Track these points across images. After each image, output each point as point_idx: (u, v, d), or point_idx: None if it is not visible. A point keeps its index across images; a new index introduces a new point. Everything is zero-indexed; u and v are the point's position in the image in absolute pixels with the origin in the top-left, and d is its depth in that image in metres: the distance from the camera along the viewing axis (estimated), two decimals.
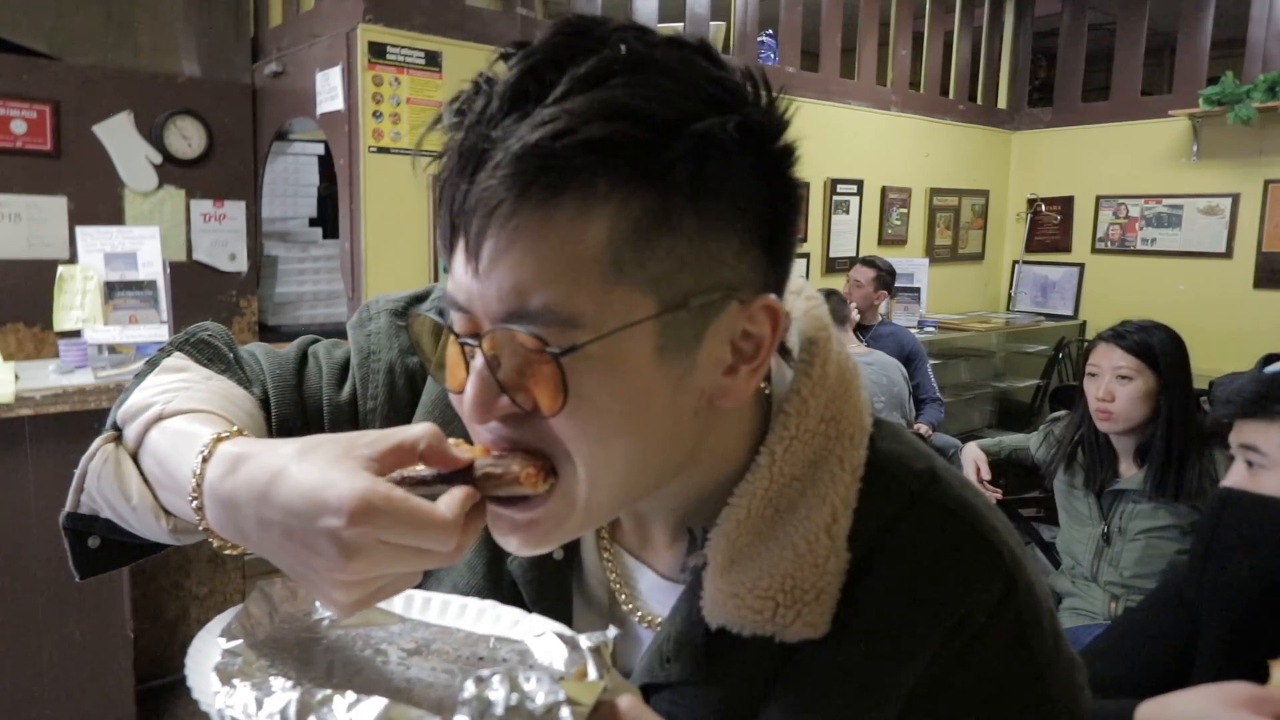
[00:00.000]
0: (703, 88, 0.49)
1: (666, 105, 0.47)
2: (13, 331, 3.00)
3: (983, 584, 0.57)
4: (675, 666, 0.60)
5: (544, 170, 0.46)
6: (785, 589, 0.56)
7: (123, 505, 0.61)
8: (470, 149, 0.48)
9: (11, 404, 2.12)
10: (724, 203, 0.50)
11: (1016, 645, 0.57)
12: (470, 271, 0.50)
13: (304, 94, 3.17)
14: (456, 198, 0.49)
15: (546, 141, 0.46)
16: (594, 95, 0.46)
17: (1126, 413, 2.01)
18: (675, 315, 0.50)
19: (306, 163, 3.76)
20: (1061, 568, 2.24)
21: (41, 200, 3.02)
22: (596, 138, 0.46)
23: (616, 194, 0.48)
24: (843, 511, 0.57)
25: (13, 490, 2.21)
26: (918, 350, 3.73)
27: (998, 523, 0.60)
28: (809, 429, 0.59)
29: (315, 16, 3.18)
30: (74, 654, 2.34)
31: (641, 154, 0.47)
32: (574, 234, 0.48)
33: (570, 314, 0.48)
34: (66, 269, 2.50)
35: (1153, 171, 4.99)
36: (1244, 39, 4.62)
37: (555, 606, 0.65)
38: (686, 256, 0.50)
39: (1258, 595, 1.02)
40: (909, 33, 4.88)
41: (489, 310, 0.50)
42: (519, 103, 0.47)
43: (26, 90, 2.97)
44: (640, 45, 0.48)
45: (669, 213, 0.49)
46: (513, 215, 0.47)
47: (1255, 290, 4.63)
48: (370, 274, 3.04)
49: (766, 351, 0.54)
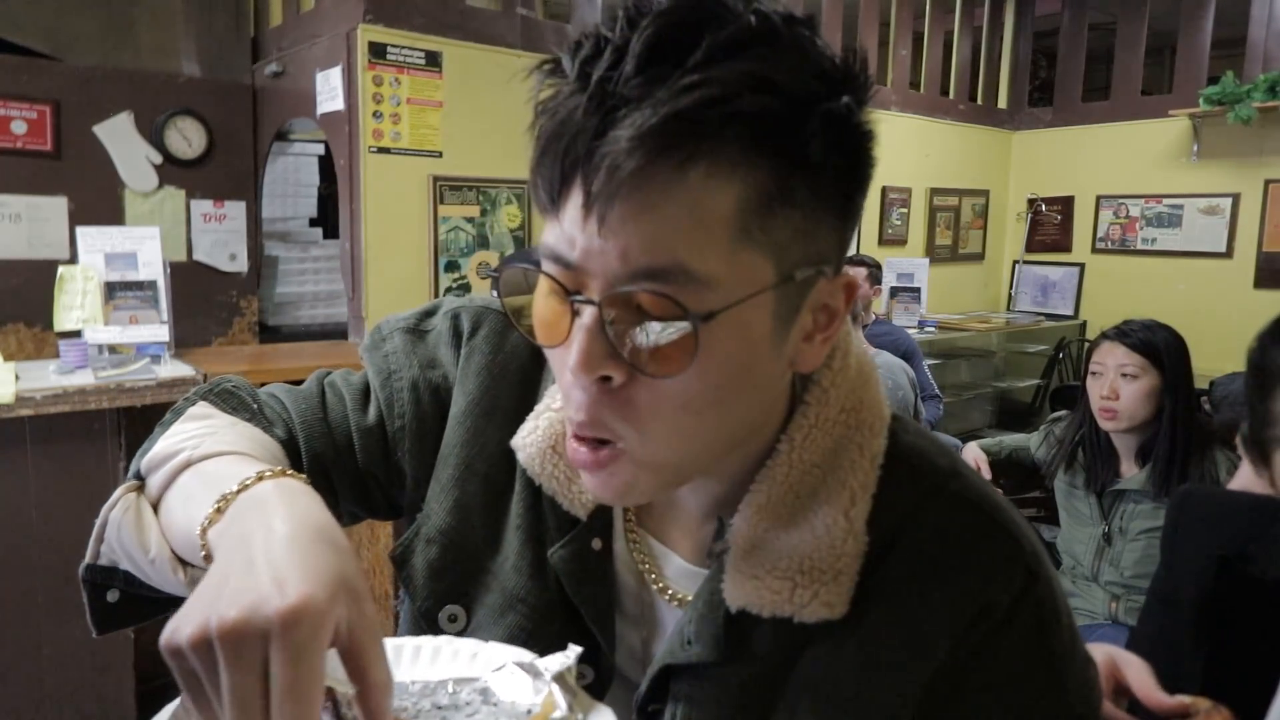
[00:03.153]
0: (823, 65, 0.50)
1: (800, 82, 0.49)
2: (13, 332, 3.01)
3: (1005, 576, 0.57)
4: (696, 648, 0.60)
5: (688, 135, 0.47)
6: (803, 570, 0.57)
7: (141, 557, 0.61)
8: (597, 105, 0.48)
9: (12, 404, 2.12)
10: (830, 178, 0.52)
11: (1036, 639, 0.57)
12: (587, 227, 0.49)
13: (304, 94, 3.18)
14: (573, 150, 0.48)
15: (696, 108, 0.46)
16: (736, 65, 0.47)
17: (1131, 411, 2.01)
18: (788, 286, 0.52)
19: (307, 163, 3.77)
20: (1062, 568, 2.24)
21: (42, 200, 3.03)
22: (746, 110, 0.47)
23: (747, 162, 0.48)
24: (861, 495, 0.58)
25: (13, 490, 2.22)
26: (914, 349, 3.73)
27: (1019, 518, 0.61)
28: (829, 418, 0.60)
29: (315, 17, 3.18)
30: (74, 654, 2.34)
31: (779, 128, 0.49)
32: (705, 197, 0.48)
33: (704, 275, 0.49)
34: (67, 269, 2.50)
35: (1153, 171, 4.99)
36: (1244, 39, 4.62)
37: (598, 592, 0.66)
38: (800, 228, 0.51)
39: (1215, 566, 1.04)
40: (909, 33, 4.88)
41: (609, 268, 0.49)
42: (656, 63, 0.47)
43: (27, 90, 2.97)
44: (767, 18, 0.49)
45: (792, 185, 0.50)
46: (647, 175, 0.47)
47: (1255, 290, 4.63)
48: (370, 274, 3.04)
49: (839, 322, 0.57)
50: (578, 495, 0.66)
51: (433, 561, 0.70)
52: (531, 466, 0.67)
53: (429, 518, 0.71)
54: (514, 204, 3.32)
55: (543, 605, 0.67)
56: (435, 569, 0.70)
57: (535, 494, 0.69)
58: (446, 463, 0.70)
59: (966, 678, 0.57)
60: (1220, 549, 1.05)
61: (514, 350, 0.73)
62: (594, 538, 0.66)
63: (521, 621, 0.67)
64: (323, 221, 3.82)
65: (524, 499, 0.69)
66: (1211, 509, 1.14)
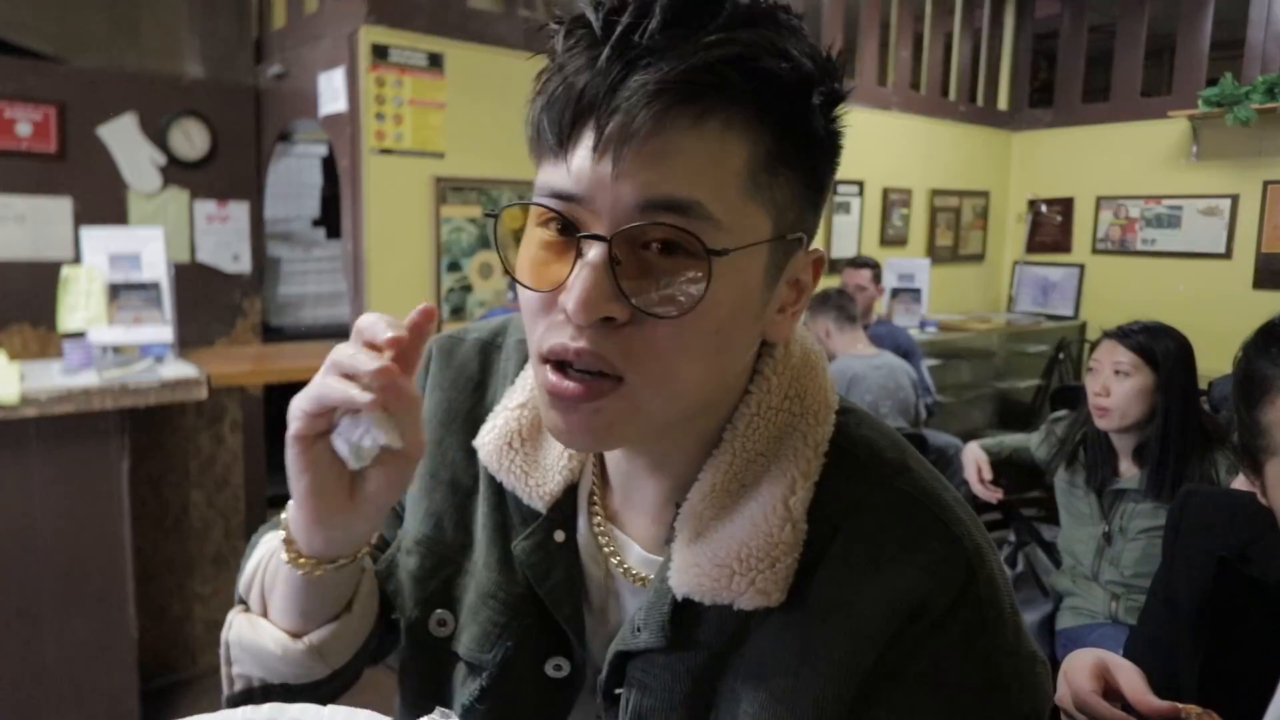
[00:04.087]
0: (815, 50, 0.55)
1: (806, 58, 0.53)
2: (18, 332, 3.02)
3: (944, 573, 0.57)
4: (644, 635, 0.62)
5: (711, 86, 0.50)
6: (741, 557, 0.58)
7: (269, 656, 0.65)
8: (619, 54, 0.50)
9: (17, 404, 2.14)
10: (820, 153, 0.56)
11: (976, 636, 0.57)
12: (599, 167, 0.51)
13: (307, 95, 3.19)
14: (590, 93, 0.51)
15: (722, 63, 0.50)
16: (755, 33, 0.51)
17: (1122, 409, 2.01)
18: (780, 244, 0.56)
19: (310, 164, 3.78)
20: (1062, 567, 2.24)
21: (46, 202, 3.04)
22: (767, 69, 0.51)
23: (759, 122, 0.52)
24: (802, 483, 0.59)
25: (18, 490, 2.23)
26: (913, 349, 3.75)
27: (964, 515, 0.60)
28: (772, 405, 0.61)
29: (318, 18, 3.19)
30: (79, 653, 2.35)
31: (789, 94, 0.52)
32: (719, 148, 0.51)
33: (718, 216, 0.51)
34: (71, 270, 2.51)
35: (1152, 172, 5.00)
36: (1243, 40, 4.63)
37: (563, 583, 0.67)
38: (794, 193, 0.55)
39: (1215, 567, 1.04)
40: (910, 34, 4.89)
41: (621, 203, 0.51)
42: (679, 23, 0.50)
43: (31, 92, 2.98)
44: (768, 2, 0.54)
45: (794, 150, 0.54)
46: (666, 123, 0.50)
47: (1254, 291, 4.64)
48: (373, 275, 3.05)
49: (806, 298, 0.61)
50: (535, 488, 0.68)
51: (413, 571, 0.72)
52: (490, 463, 0.69)
53: (406, 532, 0.74)
54: None
55: (514, 600, 0.68)
56: (417, 577, 0.72)
57: (499, 492, 0.70)
58: (415, 478, 0.72)
59: (903, 672, 0.56)
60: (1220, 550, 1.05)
61: (463, 362, 0.75)
62: (556, 529, 0.68)
63: (495, 617, 0.69)
64: (326, 222, 3.83)
65: (488, 498, 0.71)
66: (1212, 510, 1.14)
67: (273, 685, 0.67)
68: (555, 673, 0.68)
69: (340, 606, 0.66)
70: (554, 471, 0.68)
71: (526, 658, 0.68)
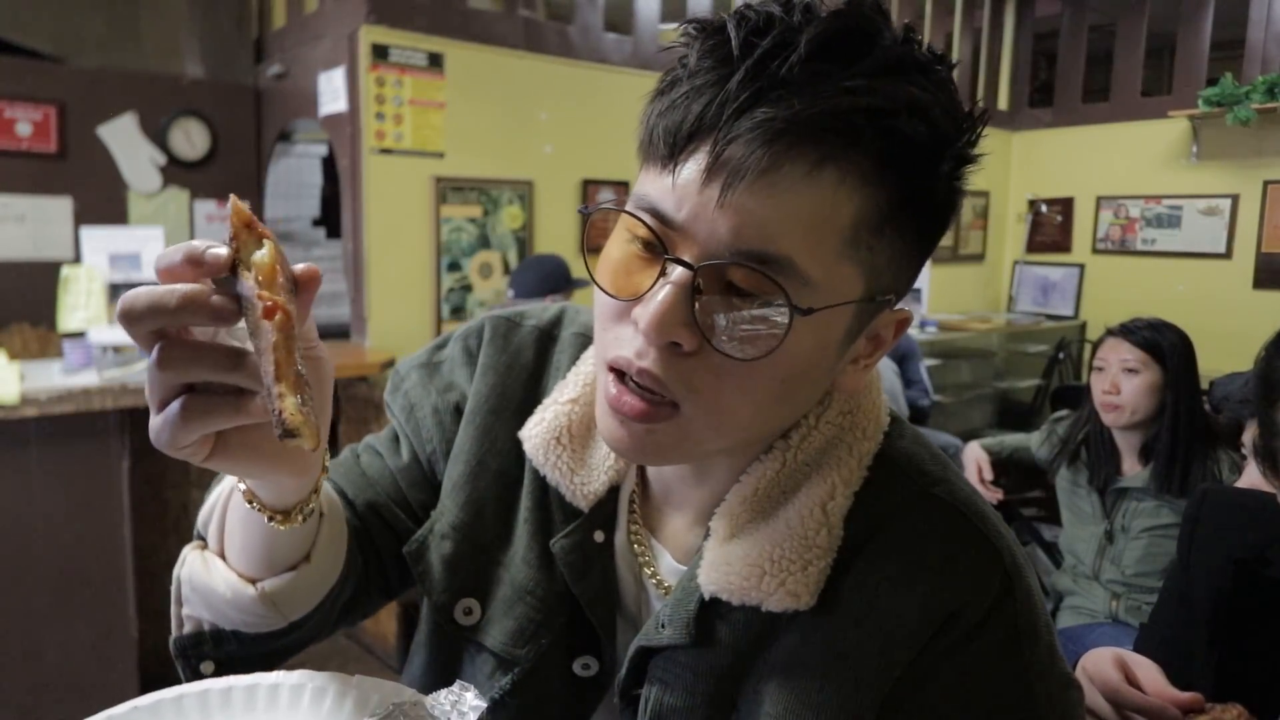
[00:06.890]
0: (958, 108, 0.52)
1: (948, 120, 0.51)
2: (18, 332, 3.02)
3: (980, 583, 0.56)
4: (668, 631, 0.61)
5: (838, 134, 0.48)
6: (774, 558, 0.57)
7: (218, 599, 0.63)
8: (753, 78, 0.48)
9: (17, 404, 2.14)
10: (936, 217, 0.54)
11: (1008, 651, 0.56)
12: (705, 193, 0.49)
13: (307, 95, 3.19)
14: (713, 112, 0.48)
15: (856, 112, 0.47)
16: (900, 85, 0.49)
17: (1133, 405, 2.02)
18: (869, 305, 0.54)
19: (310, 163, 3.78)
20: (1063, 566, 2.24)
21: (46, 201, 3.04)
22: (900, 130, 0.48)
23: (878, 179, 0.50)
24: (841, 490, 0.59)
25: (18, 490, 2.22)
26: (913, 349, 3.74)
27: (1004, 530, 0.60)
28: (828, 420, 0.61)
29: (318, 18, 3.19)
30: (79, 653, 2.35)
31: (919, 156, 0.50)
32: (829, 200, 0.49)
33: (807, 273, 0.50)
34: (70, 269, 2.51)
35: (1152, 172, 5.00)
36: (1243, 40, 4.63)
37: (598, 584, 0.67)
38: (896, 255, 0.53)
39: (1233, 568, 1.04)
40: None
41: (716, 238, 0.49)
42: (823, 59, 0.48)
43: (32, 92, 2.98)
44: (923, 49, 0.51)
45: (906, 213, 0.51)
46: (783, 163, 0.48)
47: (1255, 291, 4.64)
48: (373, 274, 3.05)
49: (882, 351, 0.59)
50: (580, 487, 0.67)
51: (446, 556, 0.71)
52: (536, 457, 0.68)
53: (442, 514, 0.72)
54: (516, 204, 3.33)
55: (551, 597, 0.68)
56: (449, 563, 0.71)
57: (543, 487, 0.70)
58: (458, 460, 0.72)
59: (932, 680, 0.56)
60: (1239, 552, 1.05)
61: (519, 348, 0.74)
62: (596, 530, 0.68)
63: (531, 614, 0.68)
64: (326, 222, 3.83)
65: (532, 493, 0.70)
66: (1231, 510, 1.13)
67: (224, 631, 0.64)
68: (583, 671, 0.68)
69: (299, 556, 0.63)
70: (600, 471, 0.68)
71: (558, 655, 0.68)
